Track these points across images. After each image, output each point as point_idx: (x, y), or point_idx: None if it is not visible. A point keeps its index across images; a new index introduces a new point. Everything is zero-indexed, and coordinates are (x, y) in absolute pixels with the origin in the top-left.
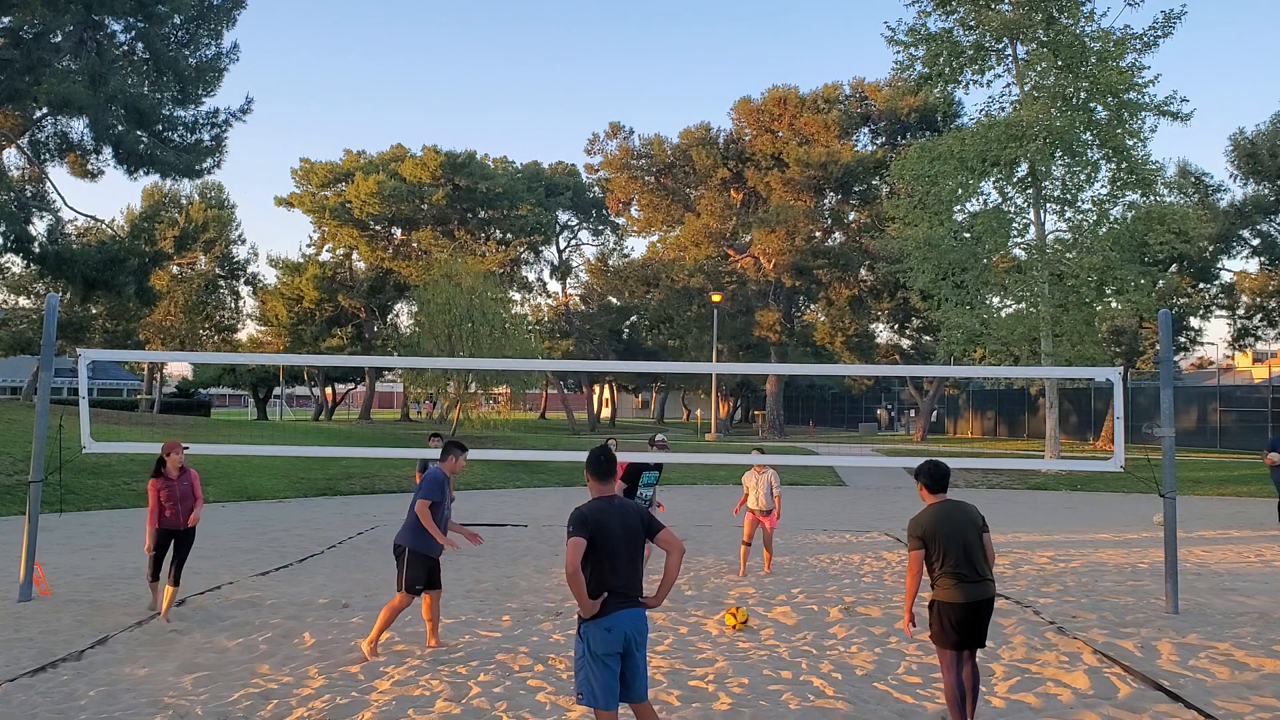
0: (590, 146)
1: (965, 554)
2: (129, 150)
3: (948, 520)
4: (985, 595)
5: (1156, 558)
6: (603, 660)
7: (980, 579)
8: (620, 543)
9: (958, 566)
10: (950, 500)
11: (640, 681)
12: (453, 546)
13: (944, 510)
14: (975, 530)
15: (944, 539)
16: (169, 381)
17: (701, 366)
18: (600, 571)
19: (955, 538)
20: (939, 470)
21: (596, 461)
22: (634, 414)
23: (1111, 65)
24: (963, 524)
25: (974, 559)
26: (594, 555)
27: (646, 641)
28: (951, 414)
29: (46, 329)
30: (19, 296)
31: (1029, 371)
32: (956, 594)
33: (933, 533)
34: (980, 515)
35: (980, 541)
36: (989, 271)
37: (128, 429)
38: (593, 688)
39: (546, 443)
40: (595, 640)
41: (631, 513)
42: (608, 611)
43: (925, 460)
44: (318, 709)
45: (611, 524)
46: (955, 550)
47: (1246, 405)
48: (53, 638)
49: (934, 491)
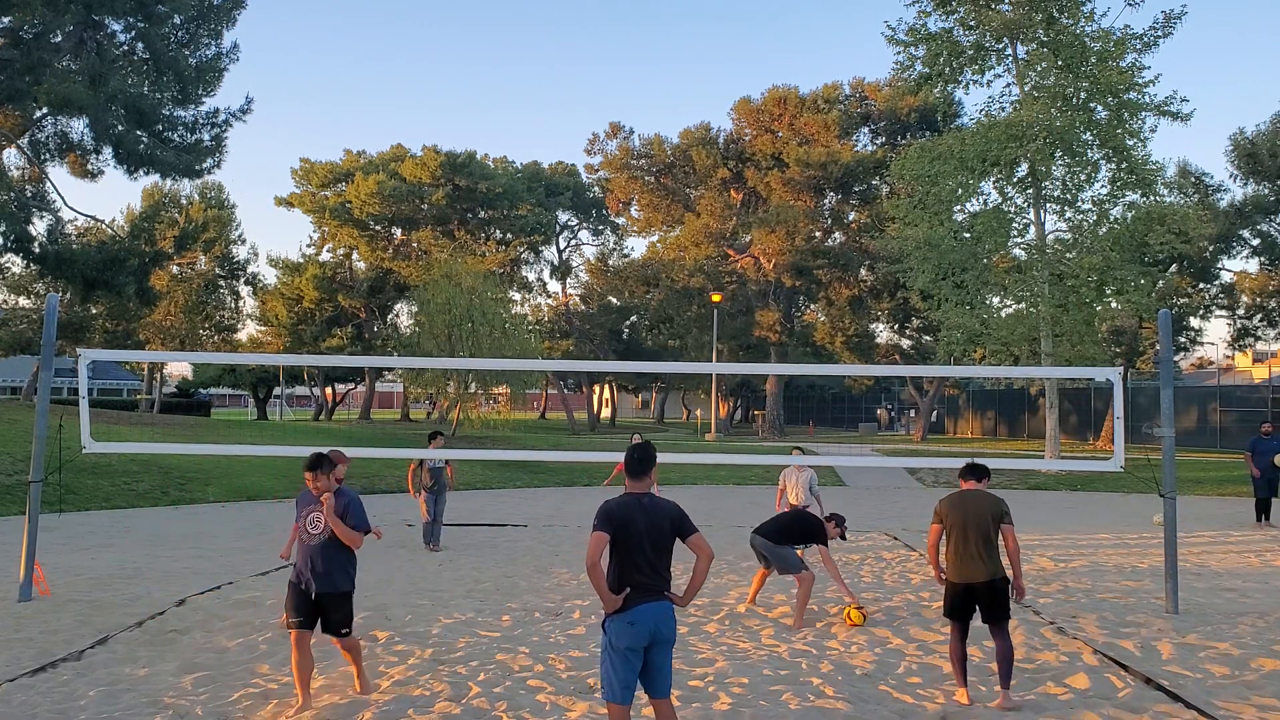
0: (590, 146)
1: (967, 535)
2: (129, 150)
3: (961, 506)
4: (979, 578)
5: (1156, 558)
6: (624, 654)
7: (977, 561)
8: (645, 540)
9: (959, 546)
10: (974, 489)
11: (663, 678)
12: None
13: (963, 497)
14: (988, 517)
15: (952, 520)
16: (169, 381)
17: (701, 366)
18: (623, 567)
19: (964, 520)
20: (974, 463)
21: (630, 458)
22: (634, 414)
23: (1111, 65)
24: (975, 510)
25: (974, 542)
26: (617, 551)
27: (674, 638)
28: (951, 414)
29: (46, 329)
30: (19, 296)
31: (1029, 371)
32: (953, 571)
33: (945, 513)
34: (1000, 507)
35: (991, 528)
36: (989, 271)
37: (128, 429)
38: (610, 681)
39: (546, 443)
40: (618, 634)
41: (661, 511)
42: (631, 605)
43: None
44: (318, 709)
45: (636, 520)
46: (958, 531)
47: (1246, 405)
48: (53, 638)
49: (963, 478)
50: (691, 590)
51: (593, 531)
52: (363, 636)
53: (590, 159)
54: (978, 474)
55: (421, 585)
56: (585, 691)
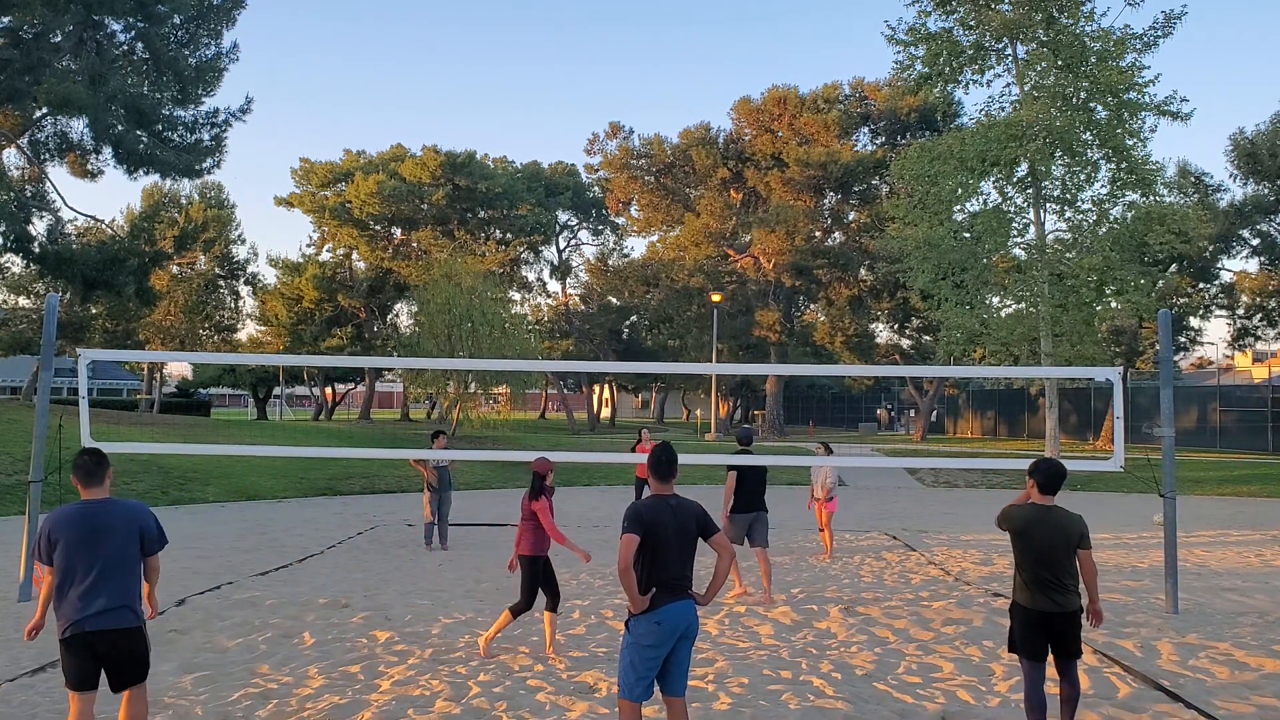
0: (590, 146)
1: (1046, 561)
2: (129, 150)
3: (1040, 523)
4: (1059, 609)
5: (1156, 558)
6: (649, 652)
7: (1059, 590)
8: (673, 541)
9: (1036, 571)
10: (1053, 506)
11: (681, 674)
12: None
13: (1038, 512)
14: (1065, 542)
15: (1028, 540)
16: (169, 381)
17: (701, 367)
18: (651, 567)
19: (1041, 543)
20: (1055, 469)
21: (656, 461)
22: (634, 414)
23: (1111, 65)
24: (1053, 532)
25: (1056, 568)
26: (646, 552)
27: (696, 636)
28: (951, 414)
29: (46, 329)
30: (19, 296)
31: (1029, 371)
32: (1027, 598)
33: (1021, 529)
34: (1080, 530)
35: (1068, 555)
36: (989, 271)
37: (128, 429)
38: (630, 678)
39: (546, 443)
40: (643, 634)
41: (688, 512)
42: (658, 605)
43: (1042, 458)
44: (318, 709)
45: (665, 522)
46: (1030, 555)
47: (1246, 405)
48: (53, 638)
49: (1044, 492)
50: (714, 589)
51: (623, 534)
52: (363, 636)
53: (590, 159)
54: (1057, 487)
55: (421, 585)
56: (585, 691)
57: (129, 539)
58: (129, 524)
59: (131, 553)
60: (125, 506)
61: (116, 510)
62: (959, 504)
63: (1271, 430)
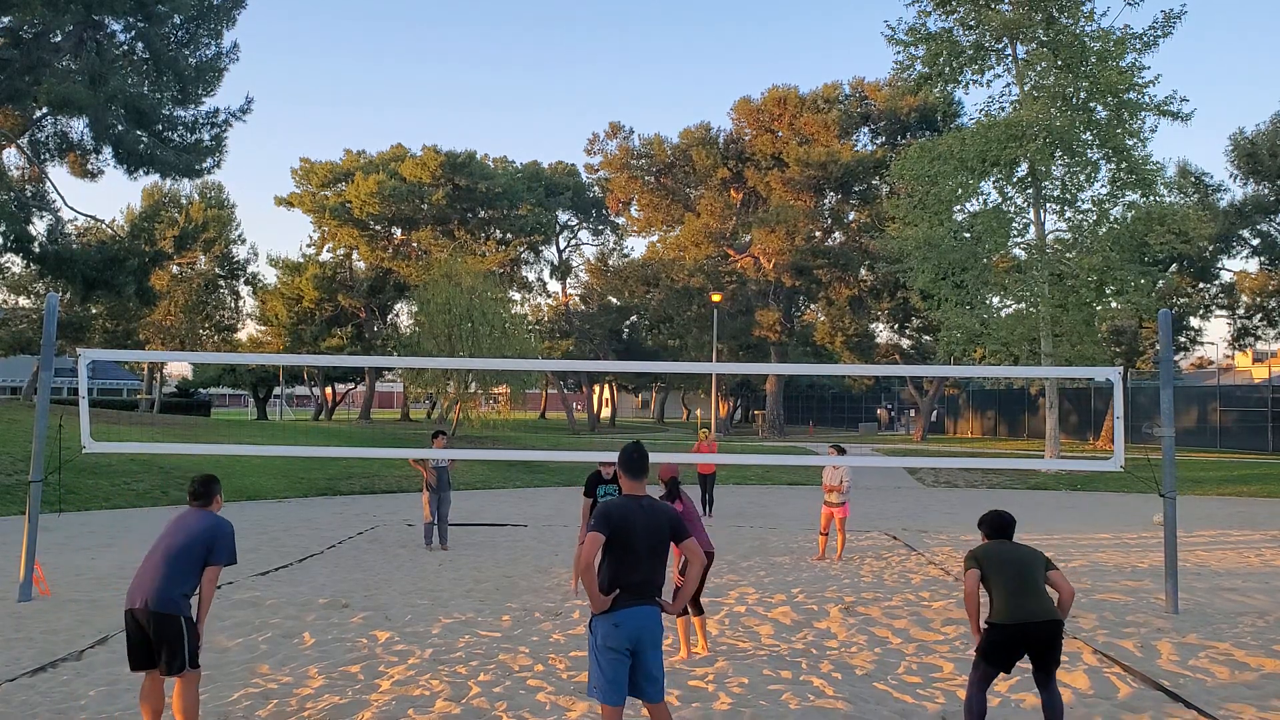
0: (590, 146)
1: (1023, 575)
2: (129, 150)
3: (1005, 548)
4: (1036, 617)
5: (1156, 558)
6: (610, 654)
7: (1035, 596)
8: (641, 542)
9: (1014, 585)
10: (1008, 541)
11: (652, 683)
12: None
13: (1000, 545)
14: (1033, 558)
15: (1001, 562)
16: (169, 381)
17: (701, 366)
18: (618, 568)
19: (1018, 562)
20: (1000, 520)
21: (628, 459)
22: (634, 414)
23: (1111, 65)
24: (1018, 555)
25: (1029, 580)
26: (612, 552)
27: (660, 643)
28: (951, 414)
29: (46, 329)
30: (19, 296)
31: (1029, 371)
32: (1005, 615)
33: (987, 556)
34: (1045, 556)
35: (1039, 569)
36: (989, 271)
37: (128, 429)
38: (599, 681)
39: (546, 443)
40: (602, 634)
41: (660, 514)
42: (617, 608)
43: (990, 511)
44: (318, 709)
45: (634, 522)
46: (1011, 570)
47: (1246, 405)
48: (53, 638)
49: (991, 536)
50: (682, 596)
51: (589, 531)
52: (363, 636)
53: (590, 159)
54: (1008, 533)
55: (421, 585)
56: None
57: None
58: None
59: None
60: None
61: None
62: (959, 504)
63: (1271, 430)
